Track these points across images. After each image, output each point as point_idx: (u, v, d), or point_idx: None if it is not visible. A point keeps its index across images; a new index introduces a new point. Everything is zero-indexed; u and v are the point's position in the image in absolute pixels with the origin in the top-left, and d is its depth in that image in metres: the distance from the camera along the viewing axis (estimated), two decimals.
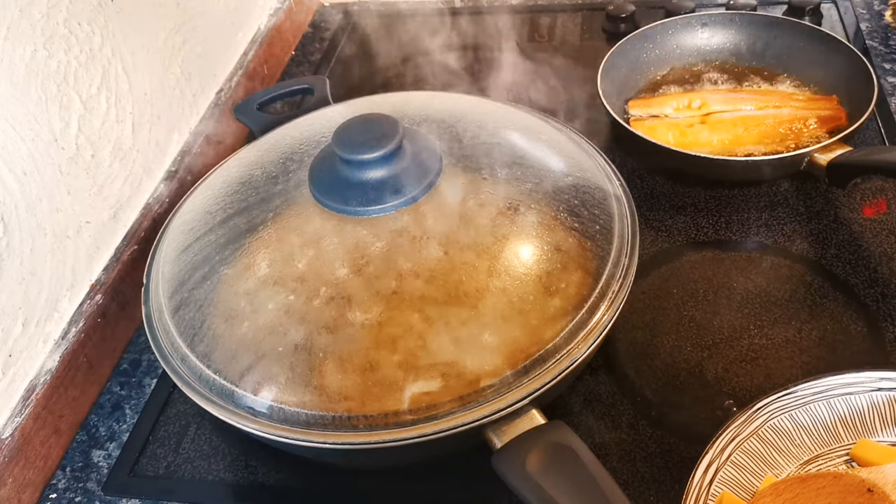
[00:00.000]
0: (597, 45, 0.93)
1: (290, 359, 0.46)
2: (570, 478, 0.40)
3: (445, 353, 0.45)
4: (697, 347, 0.59)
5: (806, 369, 0.57)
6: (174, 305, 0.52)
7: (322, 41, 1.03)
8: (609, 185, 0.56)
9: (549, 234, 0.50)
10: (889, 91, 0.78)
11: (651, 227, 0.69)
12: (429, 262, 0.48)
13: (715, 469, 0.48)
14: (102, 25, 0.67)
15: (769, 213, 0.69)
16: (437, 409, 0.44)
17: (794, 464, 0.49)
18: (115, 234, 0.69)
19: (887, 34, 0.86)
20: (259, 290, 0.49)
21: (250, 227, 0.53)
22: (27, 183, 0.58)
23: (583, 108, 0.83)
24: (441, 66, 0.95)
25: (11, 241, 0.57)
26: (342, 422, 0.44)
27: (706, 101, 0.76)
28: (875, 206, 0.68)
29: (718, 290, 0.63)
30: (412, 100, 0.65)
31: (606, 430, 0.55)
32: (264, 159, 0.59)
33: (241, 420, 0.47)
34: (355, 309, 0.46)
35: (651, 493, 0.51)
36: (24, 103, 0.58)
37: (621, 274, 0.50)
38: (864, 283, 0.62)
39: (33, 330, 0.60)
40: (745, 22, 0.82)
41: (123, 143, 0.69)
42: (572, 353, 0.46)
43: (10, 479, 0.55)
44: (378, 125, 0.52)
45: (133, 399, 0.64)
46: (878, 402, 0.50)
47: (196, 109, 0.82)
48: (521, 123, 0.62)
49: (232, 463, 0.57)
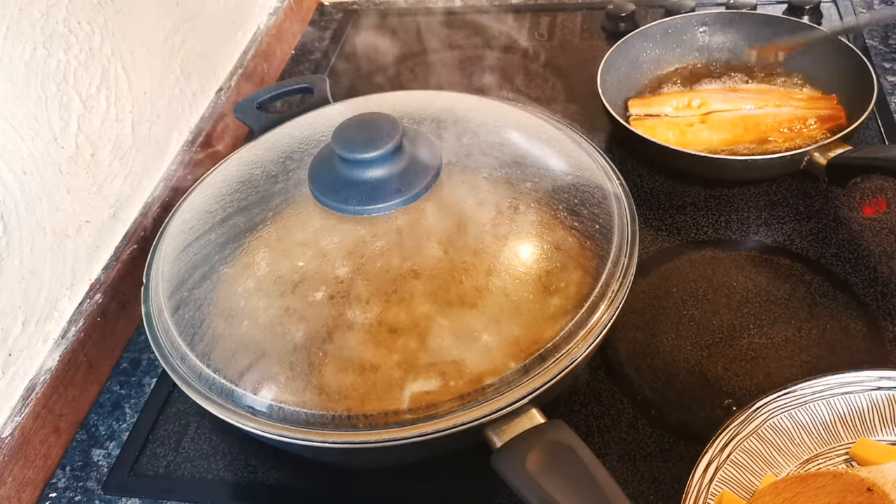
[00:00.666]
0: (596, 44, 0.93)
1: (290, 358, 0.46)
2: (569, 477, 0.40)
3: (445, 352, 0.45)
4: (697, 347, 0.59)
5: (805, 368, 0.57)
6: (174, 304, 0.52)
7: (322, 40, 1.03)
8: (609, 185, 0.56)
9: (548, 233, 0.50)
10: (889, 90, 0.78)
11: (651, 227, 0.69)
12: (428, 262, 0.48)
13: (715, 468, 0.48)
14: (102, 24, 0.67)
15: (769, 212, 0.69)
16: (436, 408, 0.44)
17: (793, 463, 0.49)
18: (114, 233, 0.69)
19: (887, 33, 0.86)
20: (259, 289, 0.49)
21: (250, 227, 0.53)
22: (27, 182, 0.58)
23: (582, 108, 0.83)
24: (441, 66, 0.95)
25: (11, 240, 0.57)
26: (342, 421, 0.44)
27: (706, 100, 0.76)
28: (875, 205, 0.68)
29: (718, 290, 0.63)
30: (412, 99, 0.65)
31: (606, 430, 0.55)
32: (264, 158, 0.59)
33: (240, 419, 0.47)
34: (355, 308, 0.46)
35: (651, 492, 0.51)
36: (23, 102, 0.58)
37: (621, 273, 0.50)
38: (864, 283, 0.62)
39: (33, 329, 0.60)
40: (745, 21, 0.82)
41: (123, 142, 0.69)
42: (572, 353, 0.46)
43: (10, 478, 0.55)
44: (378, 124, 0.52)
45: (133, 398, 0.64)
46: (877, 401, 0.51)
47: (196, 108, 0.82)
48: (520, 122, 0.62)
49: (232, 462, 0.57)
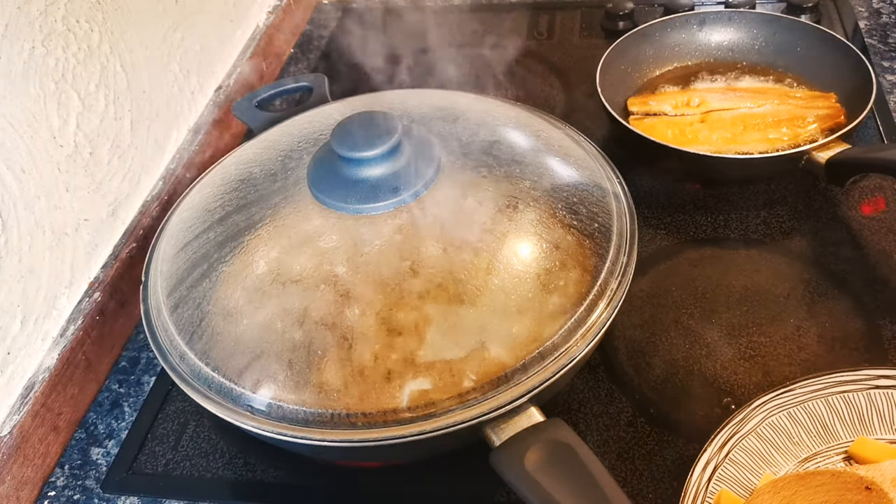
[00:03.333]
0: (596, 42, 0.93)
1: (289, 356, 0.46)
2: (568, 475, 0.40)
3: (443, 350, 0.45)
4: (696, 345, 0.59)
5: (804, 367, 0.57)
6: (173, 303, 0.52)
7: (321, 39, 1.03)
8: (608, 183, 0.56)
9: (547, 232, 0.50)
10: (887, 89, 0.78)
11: (650, 225, 0.69)
12: (427, 260, 0.48)
13: (713, 467, 0.48)
14: (101, 23, 0.67)
15: (768, 210, 0.69)
16: (435, 406, 0.44)
17: (792, 461, 0.49)
18: (113, 231, 0.69)
19: (886, 32, 0.86)
20: (258, 287, 0.49)
21: (249, 225, 0.53)
22: (25, 180, 0.58)
23: (581, 106, 0.83)
24: (439, 64, 0.95)
25: (10, 238, 0.57)
26: (341, 419, 0.45)
27: (705, 99, 0.76)
28: (873, 204, 0.68)
29: (717, 288, 0.63)
30: (411, 97, 0.65)
31: (605, 428, 0.55)
32: (263, 157, 0.59)
33: (239, 418, 0.47)
34: (354, 306, 0.46)
35: (649, 490, 0.52)
36: (22, 101, 0.58)
37: (620, 272, 0.50)
38: (863, 281, 0.62)
39: (32, 327, 0.60)
40: (744, 19, 0.82)
41: (122, 140, 0.69)
42: (571, 351, 0.46)
43: (9, 476, 0.55)
44: (377, 123, 0.52)
45: (132, 397, 0.64)
46: (876, 399, 0.51)
47: (195, 107, 0.82)
48: (519, 121, 0.61)
49: (231, 460, 0.57)
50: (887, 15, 0.89)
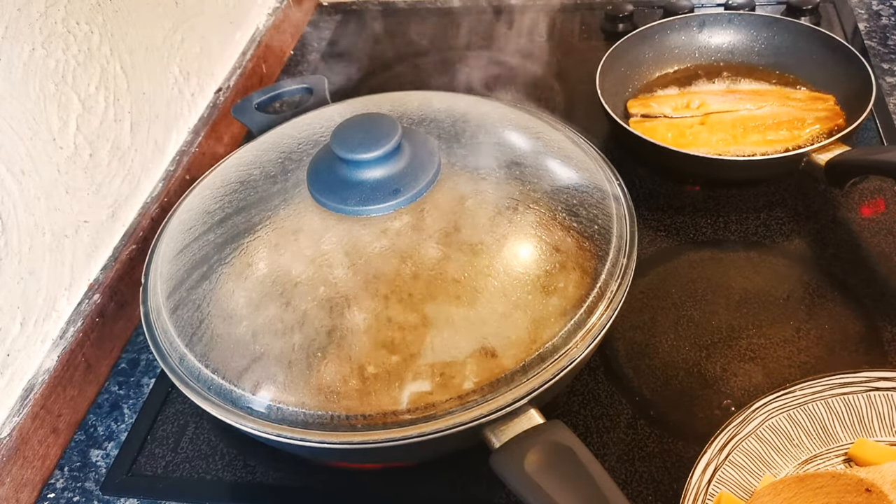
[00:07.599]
0: (595, 44, 0.93)
1: (289, 358, 0.46)
2: (568, 477, 0.40)
3: (443, 352, 0.45)
4: (696, 347, 0.59)
5: (804, 369, 0.57)
6: (173, 305, 0.52)
7: (321, 41, 1.03)
8: (608, 185, 0.56)
9: (547, 233, 0.50)
10: (887, 91, 0.78)
11: (649, 227, 0.69)
12: (427, 262, 0.48)
13: (713, 469, 0.48)
14: (101, 24, 0.67)
15: (767, 212, 0.69)
16: (435, 408, 0.44)
17: (792, 463, 0.49)
18: (113, 233, 0.69)
19: (885, 34, 0.86)
20: (257, 289, 0.49)
21: (249, 227, 0.53)
22: (25, 182, 0.58)
23: (581, 108, 0.83)
24: (439, 66, 0.95)
25: (10, 240, 0.57)
26: (340, 421, 0.44)
27: (705, 100, 0.76)
28: (873, 206, 0.68)
29: (717, 290, 0.63)
30: (410, 99, 0.65)
31: (605, 430, 0.55)
32: (263, 159, 0.59)
33: (239, 419, 0.47)
34: (353, 308, 0.46)
35: (649, 492, 0.52)
36: (22, 102, 0.58)
37: (620, 274, 0.50)
38: (862, 283, 0.62)
39: (31, 329, 0.59)
40: (744, 21, 0.82)
41: (122, 142, 0.69)
42: (571, 353, 0.46)
43: (8, 478, 0.55)
44: (376, 125, 0.52)
45: (131, 398, 0.64)
46: (875, 401, 0.51)
47: (194, 109, 0.82)
48: (519, 123, 0.62)
49: (230, 462, 0.57)
50: (887, 17, 0.89)
